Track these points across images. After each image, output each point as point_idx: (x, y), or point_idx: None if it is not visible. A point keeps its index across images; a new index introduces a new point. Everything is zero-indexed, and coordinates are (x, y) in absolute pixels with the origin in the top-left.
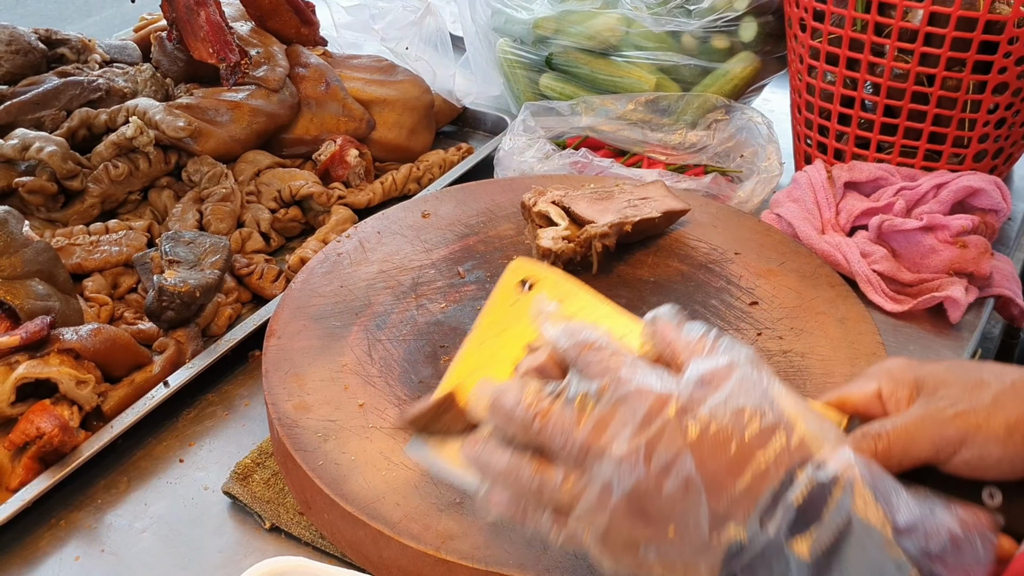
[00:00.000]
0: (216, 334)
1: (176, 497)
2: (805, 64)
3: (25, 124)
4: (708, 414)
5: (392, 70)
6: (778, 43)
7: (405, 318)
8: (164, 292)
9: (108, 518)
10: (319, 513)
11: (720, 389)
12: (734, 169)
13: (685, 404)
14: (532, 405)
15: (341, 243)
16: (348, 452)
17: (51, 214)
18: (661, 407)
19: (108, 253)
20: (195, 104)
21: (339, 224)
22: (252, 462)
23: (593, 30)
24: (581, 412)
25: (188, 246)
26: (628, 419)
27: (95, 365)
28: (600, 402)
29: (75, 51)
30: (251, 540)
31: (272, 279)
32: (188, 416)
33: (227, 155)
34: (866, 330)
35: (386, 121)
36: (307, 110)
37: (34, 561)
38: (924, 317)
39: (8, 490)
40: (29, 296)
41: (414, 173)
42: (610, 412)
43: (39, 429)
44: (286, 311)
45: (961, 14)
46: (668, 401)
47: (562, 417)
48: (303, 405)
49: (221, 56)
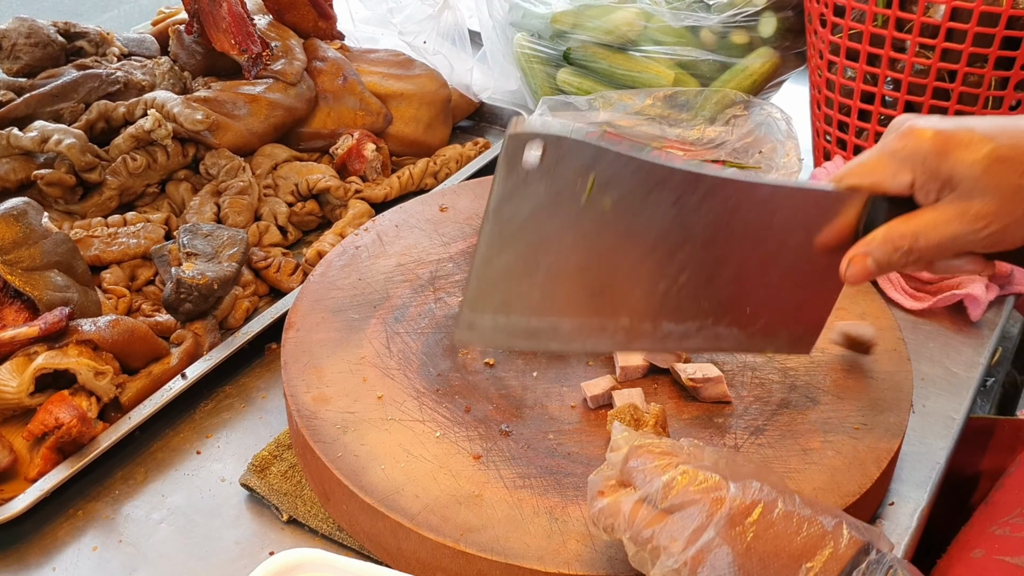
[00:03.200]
0: (233, 327)
1: (193, 489)
2: (825, 60)
3: (44, 116)
4: (756, 523)
5: (409, 64)
6: (797, 38)
7: (423, 311)
8: (182, 284)
9: (125, 509)
10: (338, 505)
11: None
12: (753, 165)
13: (735, 514)
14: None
15: (359, 236)
16: (367, 444)
17: (69, 206)
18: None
19: (126, 245)
20: (213, 97)
21: (356, 218)
22: (269, 454)
23: (611, 25)
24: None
25: (206, 239)
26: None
27: (113, 356)
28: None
29: (94, 44)
30: (268, 532)
31: (289, 272)
32: (205, 408)
33: (245, 148)
34: (886, 326)
35: (403, 115)
36: (324, 104)
37: (52, 551)
38: (944, 315)
39: (27, 480)
40: (48, 287)
41: (431, 167)
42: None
43: (58, 420)
44: (305, 303)
45: (984, 9)
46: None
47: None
48: (322, 397)
49: (243, 47)
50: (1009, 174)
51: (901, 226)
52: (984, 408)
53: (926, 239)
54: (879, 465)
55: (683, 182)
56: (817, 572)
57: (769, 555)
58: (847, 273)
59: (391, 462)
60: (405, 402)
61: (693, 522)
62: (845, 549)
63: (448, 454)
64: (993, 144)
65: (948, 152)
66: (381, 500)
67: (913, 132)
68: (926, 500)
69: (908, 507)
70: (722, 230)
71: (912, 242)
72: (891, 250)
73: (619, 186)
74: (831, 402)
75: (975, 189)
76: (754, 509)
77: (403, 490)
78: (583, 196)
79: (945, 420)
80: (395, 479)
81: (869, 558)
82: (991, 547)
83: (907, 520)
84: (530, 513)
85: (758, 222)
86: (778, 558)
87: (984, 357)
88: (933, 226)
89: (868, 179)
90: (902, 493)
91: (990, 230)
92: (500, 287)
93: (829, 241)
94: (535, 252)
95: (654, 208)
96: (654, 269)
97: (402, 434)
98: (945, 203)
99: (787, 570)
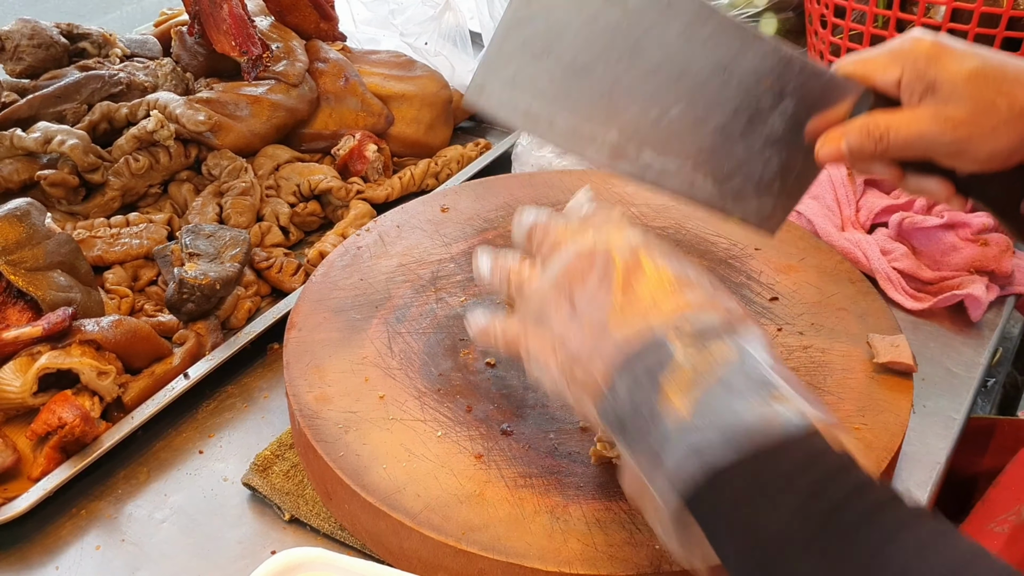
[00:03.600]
0: (235, 327)
1: (196, 488)
2: (825, 61)
3: (47, 117)
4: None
5: (411, 66)
6: (798, 39)
7: (425, 311)
8: (184, 284)
9: (128, 508)
10: (340, 504)
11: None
12: None
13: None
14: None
15: (361, 237)
16: (369, 443)
17: (72, 207)
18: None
19: (129, 246)
20: (215, 98)
21: (358, 218)
22: (272, 454)
23: None
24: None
25: (208, 239)
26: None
27: (116, 356)
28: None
29: (96, 45)
30: (270, 531)
31: (291, 273)
32: (208, 408)
33: (247, 149)
34: (887, 327)
35: (404, 116)
36: (326, 105)
37: (55, 550)
38: (944, 315)
39: (30, 479)
40: (51, 287)
41: (432, 168)
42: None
43: (61, 419)
44: (307, 303)
45: (984, 10)
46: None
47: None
48: (324, 397)
49: (243, 49)
50: (987, 89)
51: (879, 117)
52: (985, 409)
53: (896, 132)
54: (879, 465)
55: (696, 11)
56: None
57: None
58: (820, 152)
59: (393, 461)
60: (407, 402)
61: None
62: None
63: (449, 453)
64: (981, 61)
65: (938, 58)
66: (383, 499)
67: (915, 36)
68: (926, 500)
69: None
70: (719, 74)
71: (884, 131)
72: (865, 136)
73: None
74: (831, 401)
75: (953, 95)
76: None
77: (405, 489)
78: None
79: (945, 420)
80: (397, 478)
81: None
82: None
83: None
84: (531, 512)
85: (754, 78)
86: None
87: (984, 357)
88: (906, 122)
89: (860, 68)
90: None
91: (956, 134)
92: (514, 60)
93: (817, 127)
94: (551, 36)
95: (664, 27)
96: (651, 92)
97: (404, 434)
98: (924, 105)
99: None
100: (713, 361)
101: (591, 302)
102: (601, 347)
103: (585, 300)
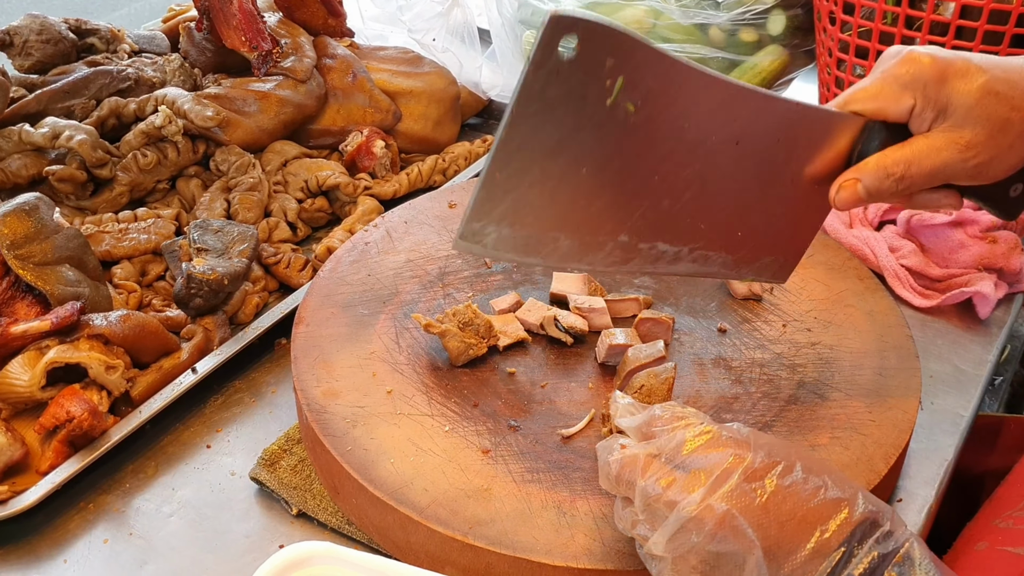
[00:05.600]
0: (243, 322)
1: (203, 482)
2: (834, 57)
3: (55, 113)
4: (775, 482)
5: (419, 62)
6: (807, 36)
7: (432, 307)
8: (193, 279)
9: (136, 502)
10: (347, 498)
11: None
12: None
13: (753, 472)
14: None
15: (368, 232)
16: (376, 438)
17: (80, 202)
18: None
19: (137, 241)
20: (223, 94)
21: (365, 214)
22: (279, 448)
23: (620, 22)
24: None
25: (216, 234)
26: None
27: (124, 351)
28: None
29: (105, 41)
30: (278, 525)
31: (299, 268)
32: (215, 402)
33: (255, 145)
34: (895, 323)
35: (412, 113)
36: (334, 101)
37: (63, 543)
38: (952, 312)
39: (38, 473)
40: (59, 282)
41: (440, 164)
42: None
43: (69, 413)
44: (315, 298)
45: (994, 7)
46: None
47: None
48: (331, 391)
49: (253, 44)
50: (1000, 106)
51: (894, 153)
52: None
53: (919, 166)
54: (887, 462)
55: (703, 87)
56: (829, 536)
57: (785, 515)
58: (837, 198)
59: (400, 456)
60: (414, 397)
61: (713, 473)
62: (859, 517)
63: (457, 448)
64: (988, 76)
65: (946, 79)
66: (390, 494)
67: (912, 58)
68: (934, 497)
69: (916, 504)
70: (730, 144)
71: (905, 169)
72: (883, 176)
73: (644, 87)
74: (839, 398)
75: (967, 119)
76: (774, 468)
77: (412, 484)
78: (608, 99)
79: (953, 418)
80: (404, 473)
81: (882, 529)
82: (994, 539)
83: (915, 517)
84: (538, 507)
85: (766, 139)
86: (793, 519)
87: (992, 355)
88: (926, 153)
89: (872, 104)
90: (910, 490)
91: (978, 160)
92: (510, 193)
93: (820, 168)
94: (551, 157)
95: (672, 113)
96: (661, 184)
97: (411, 428)
98: (937, 132)
99: (801, 532)
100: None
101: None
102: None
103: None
